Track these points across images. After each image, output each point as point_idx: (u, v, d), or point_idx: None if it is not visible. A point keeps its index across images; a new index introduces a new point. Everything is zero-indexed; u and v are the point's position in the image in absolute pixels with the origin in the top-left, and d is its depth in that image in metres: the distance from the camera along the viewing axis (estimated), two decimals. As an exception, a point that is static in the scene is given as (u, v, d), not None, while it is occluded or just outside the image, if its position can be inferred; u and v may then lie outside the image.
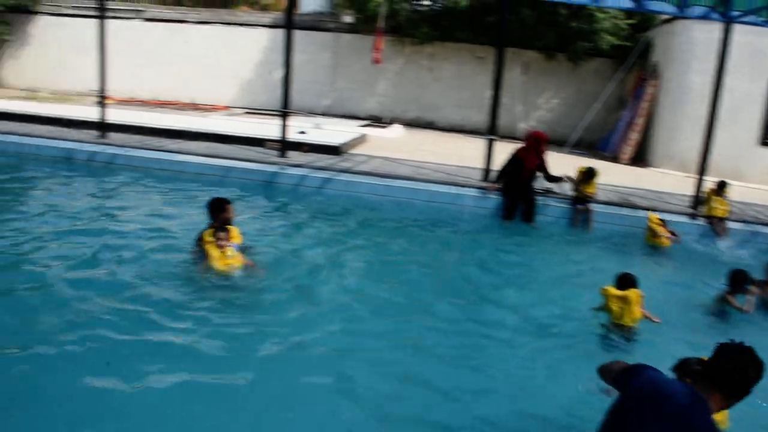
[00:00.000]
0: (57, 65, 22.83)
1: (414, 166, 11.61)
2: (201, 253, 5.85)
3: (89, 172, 10.46)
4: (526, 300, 6.23)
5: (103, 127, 12.43)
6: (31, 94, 20.80)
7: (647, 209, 9.49)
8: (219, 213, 6.04)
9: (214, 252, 5.74)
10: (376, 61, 17.41)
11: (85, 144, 11.54)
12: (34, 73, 23.19)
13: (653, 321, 5.55)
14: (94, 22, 15.13)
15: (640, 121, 15.71)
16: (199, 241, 5.92)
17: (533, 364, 4.93)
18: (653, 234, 8.62)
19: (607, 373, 3.28)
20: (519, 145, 9.52)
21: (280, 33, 20.32)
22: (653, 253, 8.47)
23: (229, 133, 12.87)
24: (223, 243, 5.77)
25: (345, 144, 12.79)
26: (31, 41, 23.34)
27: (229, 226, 5.96)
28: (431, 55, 19.91)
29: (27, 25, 23.29)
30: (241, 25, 21.16)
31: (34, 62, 23.30)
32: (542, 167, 9.42)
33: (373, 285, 6.23)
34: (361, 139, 14.45)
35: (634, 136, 15.71)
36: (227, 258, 5.75)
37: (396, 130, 17.70)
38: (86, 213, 7.91)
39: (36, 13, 23.14)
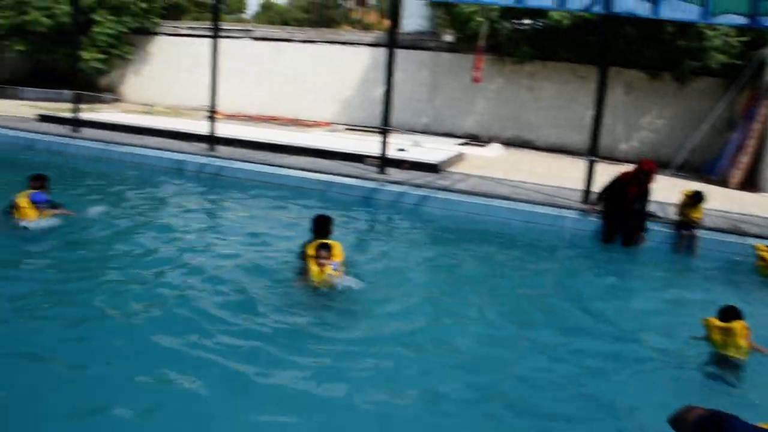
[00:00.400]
0: (172, 82, 24.13)
1: (512, 186, 11.47)
2: (302, 267, 5.98)
3: (198, 183, 10.97)
4: (625, 327, 6.00)
5: (211, 140, 13.00)
6: (148, 109, 22.01)
7: (759, 237, 8.97)
8: (321, 229, 6.15)
9: (313, 267, 5.83)
10: (476, 80, 17.37)
11: (195, 156, 12.12)
12: (152, 89, 24.61)
13: (764, 353, 5.22)
14: (207, 41, 15.88)
15: (751, 144, 14.91)
16: (301, 254, 6.05)
17: (633, 393, 4.74)
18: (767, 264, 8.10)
19: (682, 424, 2.82)
20: (623, 169, 9.16)
21: (381, 51, 20.68)
22: (765, 284, 7.97)
23: (330, 149, 13.15)
24: (323, 261, 5.85)
25: (443, 162, 12.81)
26: (150, 60, 24.79)
27: (331, 242, 6.04)
28: (531, 74, 19.68)
29: (147, 45, 24.77)
30: (343, 44, 21.66)
31: (151, 79, 24.74)
32: (643, 199, 8.94)
33: (470, 305, 6.14)
34: (459, 158, 14.43)
35: (745, 159, 14.92)
36: (326, 274, 5.85)
37: (494, 149, 17.57)
38: (192, 221, 8.28)
39: (156, 33, 24.56)
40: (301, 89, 22.06)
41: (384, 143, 11.56)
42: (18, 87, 23.44)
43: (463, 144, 17.57)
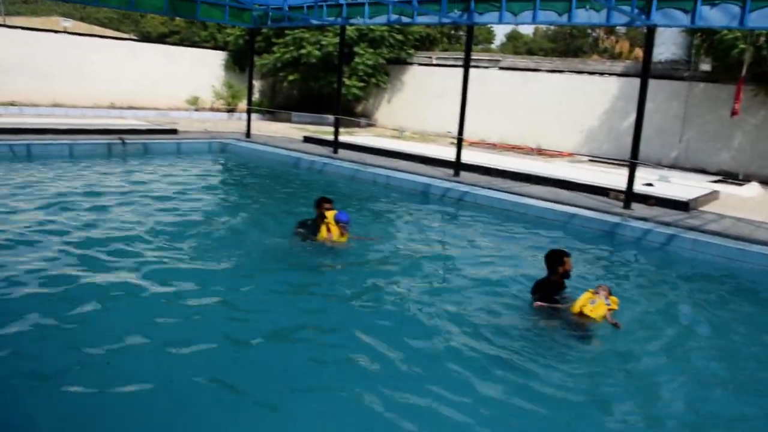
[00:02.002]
0: (422, 108, 25.29)
1: (775, 230, 10.26)
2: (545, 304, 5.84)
3: (441, 206, 11.33)
4: None
5: (457, 166, 13.36)
6: (399, 133, 23.27)
7: None
8: (558, 265, 6.01)
9: (587, 308, 5.67)
10: (735, 113, 15.87)
11: (439, 181, 12.55)
12: (402, 115, 26.01)
13: None
14: (455, 71, 16.49)
15: None
16: (542, 290, 5.93)
17: None
18: None
19: None
20: None
21: (629, 81, 19.77)
22: None
23: (573, 180, 12.82)
24: (602, 298, 5.66)
25: (694, 200, 11.85)
26: (402, 88, 26.23)
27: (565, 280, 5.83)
28: (804, 108, 17.49)
29: (400, 74, 26.24)
30: (591, 73, 21.05)
31: (403, 106, 26.15)
32: None
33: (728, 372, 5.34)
34: (711, 196, 13.24)
35: None
36: (605, 312, 5.62)
37: (752, 189, 15.83)
38: (431, 242, 8.57)
39: (409, 63, 25.94)
40: (545, 118, 21.83)
41: (631, 177, 11.03)
42: (290, 111, 26.20)
43: (716, 181, 16.09)
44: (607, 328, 5.67)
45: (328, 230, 7.56)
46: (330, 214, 7.56)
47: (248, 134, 18.07)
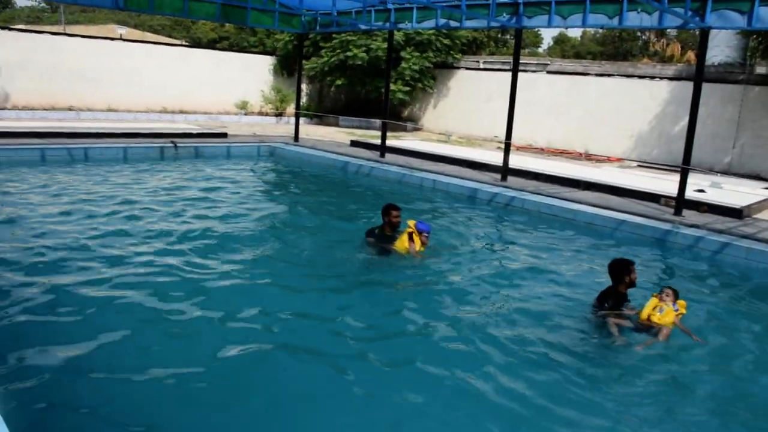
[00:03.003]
0: (468, 113, 25.22)
1: (835, 238, 9.91)
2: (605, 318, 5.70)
3: (489, 211, 11.30)
4: None
5: (504, 171, 13.29)
6: (445, 138, 23.25)
7: None
8: (624, 275, 5.87)
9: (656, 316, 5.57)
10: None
11: (487, 185, 12.51)
12: (449, 119, 25.98)
13: None
14: (502, 75, 16.40)
15: None
16: (608, 301, 5.84)
17: None
18: None
19: None
20: None
21: (679, 85, 19.35)
22: None
23: (622, 186, 12.62)
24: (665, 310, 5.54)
25: (747, 207, 11.53)
26: (448, 92, 26.20)
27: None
28: None
29: (446, 79, 26.22)
30: (641, 77, 20.67)
31: (449, 110, 26.13)
32: None
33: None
34: (766, 203, 12.87)
35: None
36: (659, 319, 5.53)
37: (811, 195, 15.35)
38: (479, 250, 8.51)
39: (455, 67, 25.91)
40: (593, 123, 21.53)
41: (682, 182, 10.80)
42: (337, 116, 26.42)
43: (773, 187, 15.62)
44: (680, 337, 5.55)
45: (411, 240, 7.27)
46: (412, 223, 7.32)
47: (296, 138, 18.29)
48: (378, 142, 16.58)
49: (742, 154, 18.73)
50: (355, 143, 18.49)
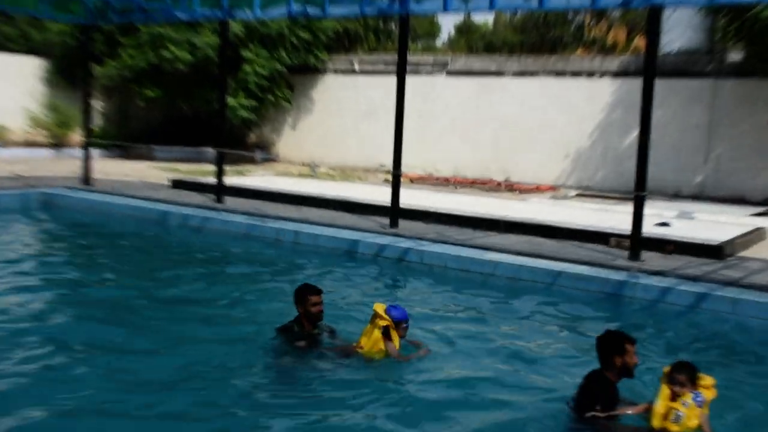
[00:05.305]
0: (341, 134, 25.50)
1: None
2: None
3: (375, 271, 11.28)
4: None
5: (394, 213, 13.38)
6: (310, 170, 23.23)
7: None
8: (615, 354, 5.77)
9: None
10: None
11: (371, 235, 12.52)
12: (315, 144, 26.10)
13: None
14: (387, 80, 16.62)
15: None
16: (600, 393, 5.75)
17: None
18: None
19: None
20: None
21: (627, 83, 20.35)
22: None
23: (557, 224, 12.99)
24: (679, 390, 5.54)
25: (731, 242, 12.11)
26: (313, 107, 26.49)
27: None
28: None
29: (309, 88, 26.47)
30: (576, 74, 21.61)
31: (315, 131, 26.35)
32: None
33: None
34: (755, 235, 13.58)
35: None
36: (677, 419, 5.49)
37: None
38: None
39: (321, 71, 26.15)
40: (514, 141, 22.25)
41: (637, 215, 11.18)
42: (150, 145, 25.90)
43: (760, 214, 16.58)
44: None
45: (387, 337, 6.97)
46: (381, 310, 6.99)
47: (87, 180, 17.76)
48: (213, 180, 16.32)
49: (719, 171, 19.79)
50: (178, 184, 18.15)
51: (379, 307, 7.04)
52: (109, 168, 21.74)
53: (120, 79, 25.01)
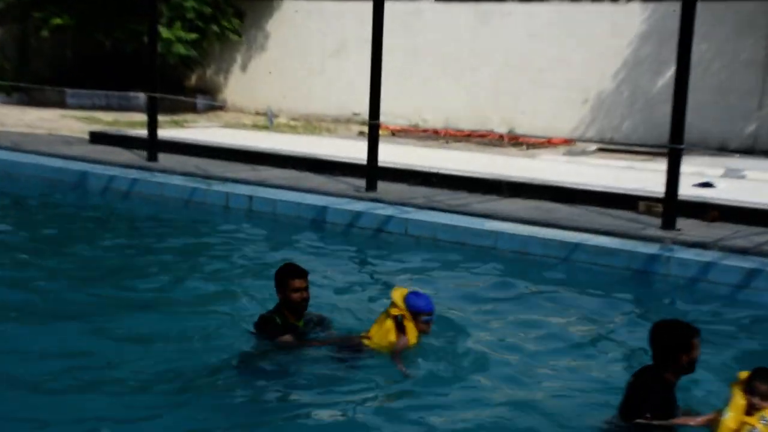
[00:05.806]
0: (304, 77, 25.37)
1: None
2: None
3: (348, 245, 11.36)
4: None
5: (372, 173, 13.41)
6: (266, 121, 23.10)
7: None
8: (680, 352, 5.80)
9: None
10: None
11: (343, 200, 12.57)
12: (271, 88, 25.93)
13: None
14: (361, 6, 16.48)
15: None
16: (655, 396, 5.79)
17: None
18: None
19: None
20: None
21: (662, 8, 20.14)
22: None
23: (573, 186, 13.06)
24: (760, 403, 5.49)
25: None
26: (267, 42, 26.28)
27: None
28: None
29: (265, 17, 26.27)
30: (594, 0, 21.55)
31: (270, 73, 26.09)
32: None
33: None
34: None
35: None
36: None
37: None
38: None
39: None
40: (520, 83, 22.16)
41: (673, 174, 11.24)
42: (62, 89, 25.63)
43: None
44: None
45: (400, 330, 6.93)
46: (399, 298, 6.98)
47: (-19, 134, 17.65)
48: (143, 133, 16.25)
49: (778, 120, 19.79)
50: (99, 137, 18.14)
51: (397, 293, 7.04)
52: (8, 117, 21.60)
53: (17, 2, 24.72)
